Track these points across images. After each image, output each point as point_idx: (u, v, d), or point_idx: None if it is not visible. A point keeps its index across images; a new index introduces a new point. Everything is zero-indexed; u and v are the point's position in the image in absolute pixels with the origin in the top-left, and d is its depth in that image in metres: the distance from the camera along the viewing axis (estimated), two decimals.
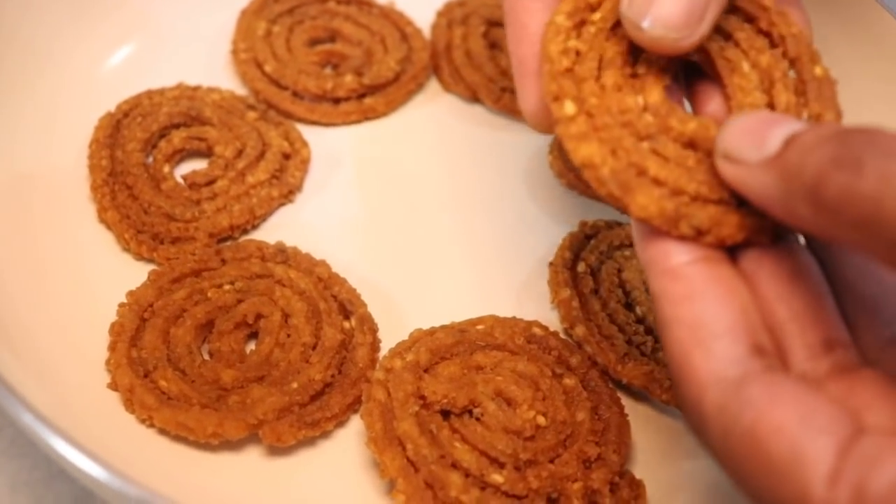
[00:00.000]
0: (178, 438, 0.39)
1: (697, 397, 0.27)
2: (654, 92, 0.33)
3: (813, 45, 0.34)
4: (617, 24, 0.33)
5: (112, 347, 0.41)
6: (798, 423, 0.25)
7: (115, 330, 0.42)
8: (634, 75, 0.33)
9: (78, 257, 0.46)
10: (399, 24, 0.57)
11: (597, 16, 0.34)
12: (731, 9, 0.34)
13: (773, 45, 0.34)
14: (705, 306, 0.28)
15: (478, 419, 0.39)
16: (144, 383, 0.40)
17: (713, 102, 0.34)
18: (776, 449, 0.25)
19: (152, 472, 0.36)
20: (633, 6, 0.31)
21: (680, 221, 0.29)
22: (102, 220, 0.47)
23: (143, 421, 0.40)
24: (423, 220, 0.50)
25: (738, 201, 0.30)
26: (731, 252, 0.30)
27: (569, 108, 0.31)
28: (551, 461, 0.38)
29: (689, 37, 0.31)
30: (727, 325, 0.28)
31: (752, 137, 0.28)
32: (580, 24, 0.34)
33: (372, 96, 0.54)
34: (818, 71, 0.33)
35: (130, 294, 0.43)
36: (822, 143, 0.26)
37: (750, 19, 0.34)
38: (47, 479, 0.42)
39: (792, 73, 0.33)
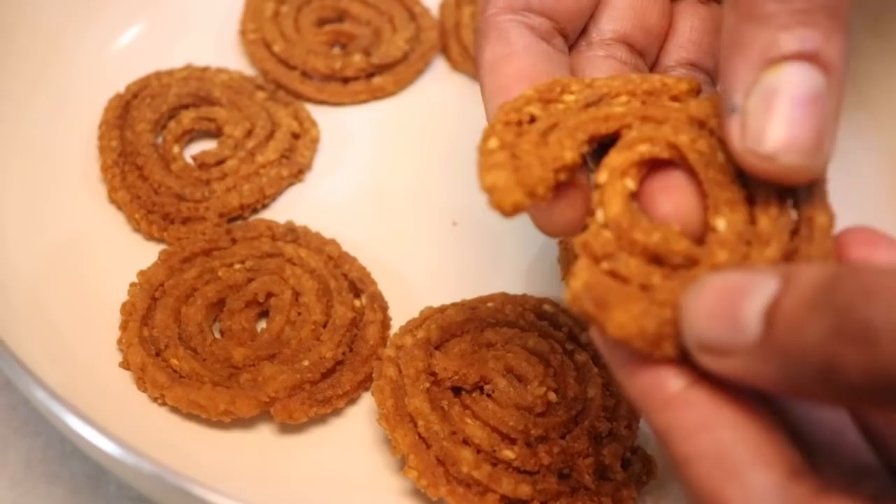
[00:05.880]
0: (189, 416, 0.40)
1: None
2: (614, 203, 0.28)
3: None
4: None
5: (124, 327, 0.41)
6: None
7: (127, 309, 0.42)
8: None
9: (89, 237, 0.46)
10: (407, 4, 0.57)
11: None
12: None
13: None
14: (725, 433, 0.24)
15: (489, 395, 0.39)
16: (156, 362, 0.40)
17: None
18: None
19: (164, 449, 0.36)
20: (749, 135, 0.26)
21: (663, 342, 0.25)
22: (113, 201, 0.47)
23: (155, 399, 0.40)
24: (433, 199, 0.49)
25: None
26: None
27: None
28: (562, 437, 0.38)
29: (821, 161, 0.26)
30: (755, 450, 0.24)
31: (724, 320, 0.24)
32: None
33: (380, 76, 0.54)
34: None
35: (142, 274, 0.43)
36: (812, 315, 0.22)
37: None
38: (61, 457, 0.43)
39: None
